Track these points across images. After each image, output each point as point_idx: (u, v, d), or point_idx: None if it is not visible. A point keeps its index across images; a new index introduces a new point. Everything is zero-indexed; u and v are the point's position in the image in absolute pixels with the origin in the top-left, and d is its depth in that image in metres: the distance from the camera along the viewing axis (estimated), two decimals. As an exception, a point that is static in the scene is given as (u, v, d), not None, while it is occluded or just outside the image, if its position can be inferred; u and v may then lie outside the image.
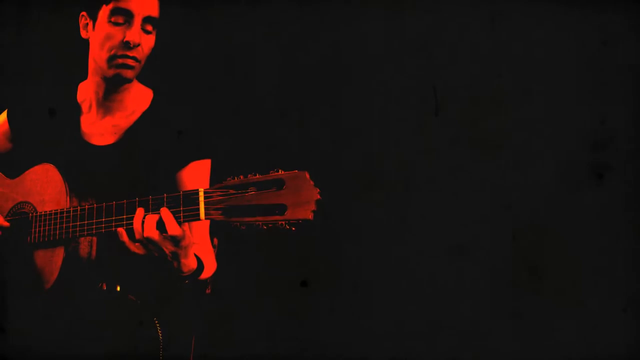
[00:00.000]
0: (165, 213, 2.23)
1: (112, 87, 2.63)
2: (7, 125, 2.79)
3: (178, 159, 2.61)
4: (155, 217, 2.24)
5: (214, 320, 3.10)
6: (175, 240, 2.25)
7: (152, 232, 2.25)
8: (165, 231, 2.24)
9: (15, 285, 2.51)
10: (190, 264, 2.36)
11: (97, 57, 2.58)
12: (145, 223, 2.23)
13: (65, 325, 2.48)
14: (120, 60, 2.53)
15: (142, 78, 2.69)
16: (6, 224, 2.57)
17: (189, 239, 2.28)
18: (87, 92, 2.71)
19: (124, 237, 2.30)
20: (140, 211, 2.26)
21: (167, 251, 2.28)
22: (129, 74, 2.56)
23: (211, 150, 2.67)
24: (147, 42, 2.57)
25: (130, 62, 2.55)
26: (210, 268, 2.53)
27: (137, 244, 2.28)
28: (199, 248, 2.56)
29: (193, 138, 2.63)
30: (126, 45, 2.52)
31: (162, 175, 2.60)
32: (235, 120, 3.33)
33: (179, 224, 2.23)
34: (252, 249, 3.24)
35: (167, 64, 3.00)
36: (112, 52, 2.53)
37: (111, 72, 2.56)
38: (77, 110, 2.72)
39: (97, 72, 2.61)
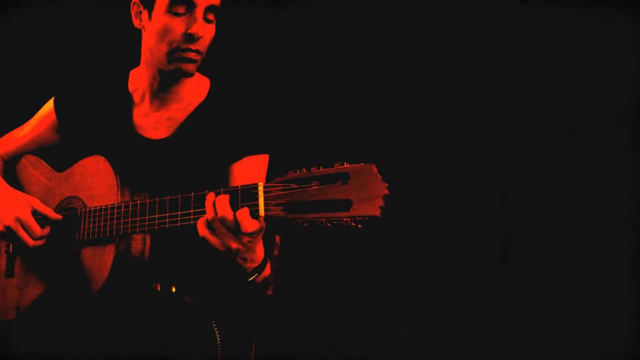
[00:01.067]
0: (243, 212, 2.08)
1: (170, 80, 2.55)
2: (54, 116, 2.72)
3: (234, 153, 2.52)
4: (227, 196, 2.10)
5: (276, 324, 3.04)
6: (252, 234, 2.11)
7: (226, 211, 2.09)
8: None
9: (61, 286, 2.45)
10: (259, 254, 2.23)
11: (154, 49, 2.48)
12: (217, 203, 2.09)
13: (115, 330, 2.37)
14: (182, 54, 2.44)
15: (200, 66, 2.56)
16: (58, 216, 2.49)
17: (263, 227, 2.14)
18: (140, 81, 2.64)
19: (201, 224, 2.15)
20: (210, 195, 2.12)
21: (239, 243, 2.13)
22: (190, 68, 2.47)
23: (269, 145, 2.57)
24: (208, 33, 2.47)
25: (192, 55, 2.45)
26: (268, 266, 2.38)
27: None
28: None
29: (250, 131, 2.54)
30: (189, 38, 2.42)
31: (218, 169, 2.51)
32: (297, 111, 3.28)
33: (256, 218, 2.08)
34: (314, 247, 3.18)
35: (225, 52, 2.90)
36: (174, 45, 2.43)
37: (172, 67, 2.47)
38: (128, 100, 2.64)
39: (154, 63, 2.52)
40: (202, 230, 2.13)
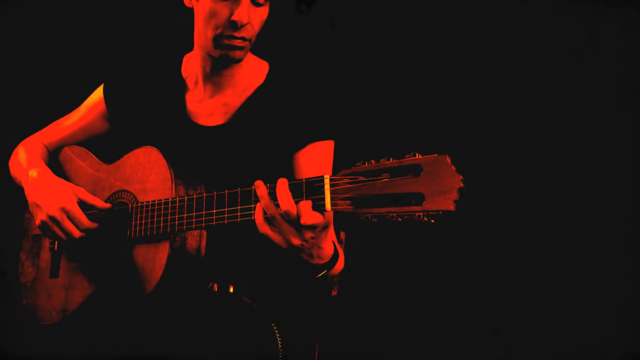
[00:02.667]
0: (305, 204, 1.99)
1: (222, 63, 2.48)
2: (103, 104, 2.65)
3: (297, 140, 2.44)
4: (288, 190, 2.01)
5: (340, 326, 2.99)
6: (314, 228, 2.01)
7: (289, 205, 1.99)
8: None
9: (111, 287, 2.38)
10: (327, 250, 2.12)
11: (201, 33, 2.40)
12: (279, 197, 1.99)
13: (169, 332, 2.30)
14: (226, 42, 2.35)
15: (256, 49, 2.51)
16: (107, 205, 2.42)
17: (330, 220, 2.05)
18: (192, 66, 2.57)
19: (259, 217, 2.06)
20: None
21: (302, 239, 2.04)
22: (237, 54, 2.38)
23: (334, 131, 2.48)
24: (258, 17, 2.36)
25: (238, 42, 2.36)
26: (340, 261, 2.27)
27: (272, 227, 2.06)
28: None
29: (313, 116, 2.44)
30: (233, 25, 2.32)
31: (279, 159, 2.43)
32: (363, 96, 3.19)
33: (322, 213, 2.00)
34: (383, 244, 3.10)
35: (284, 34, 2.88)
36: (218, 31, 2.35)
37: (217, 53, 2.39)
38: (182, 86, 2.57)
39: (203, 47, 2.45)
40: (262, 227, 2.05)
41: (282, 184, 1.99)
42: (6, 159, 2.69)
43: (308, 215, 1.97)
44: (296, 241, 2.03)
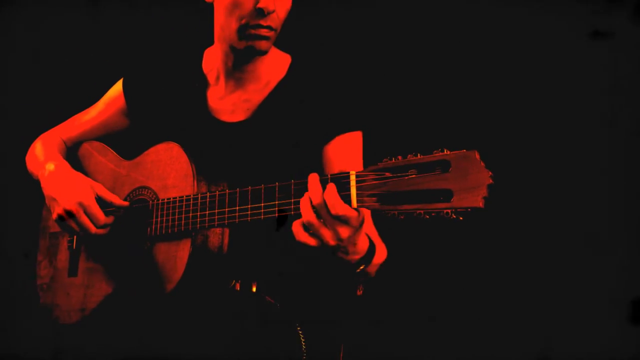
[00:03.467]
0: (331, 190, 1.95)
1: (245, 58, 2.44)
2: (122, 99, 2.63)
3: (324, 133, 2.41)
4: (320, 189, 1.97)
5: (364, 327, 2.97)
6: (345, 220, 1.97)
7: (340, 207, 1.94)
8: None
9: (131, 285, 2.36)
10: (361, 245, 2.08)
11: (224, 25, 2.37)
12: (326, 194, 1.95)
13: (190, 332, 2.30)
14: (252, 31, 2.32)
15: (278, 41, 2.47)
16: (125, 203, 2.41)
17: (363, 216, 2.01)
18: (214, 61, 2.54)
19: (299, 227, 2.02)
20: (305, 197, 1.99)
21: (337, 238, 1.99)
22: (263, 45, 2.35)
23: (363, 121, 2.45)
24: (283, 6, 2.34)
25: (264, 32, 2.33)
26: (381, 252, 2.24)
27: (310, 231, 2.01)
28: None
29: (340, 107, 2.42)
30: (259, 13, 2.29)
31: (304, 153, 2.41)
32: (389, 89, 3.15)
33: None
34: (410, 242, 3.04)
35: (306, 25, 2.83)
36: (243, 21, 2.31)
37: (242, 44, 2.35)
38: (203, 81, 2.55)
39: (225, 40, 2.41)
40: (302, 235, 2.01)
41: (314, 179, 1.97)
42: (24, 155, 2.66)
43: (339, 206, 1.93)
44: (333, 242, 1.99)
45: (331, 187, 1.93)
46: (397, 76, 3.17)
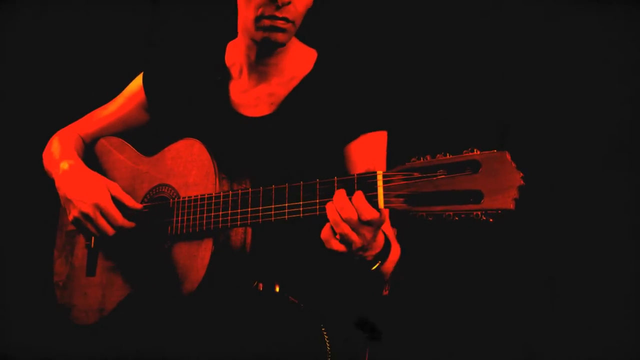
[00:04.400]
0: (360, 198, 1.94)
1: (267, 50, 2.42)
2: (142, 94, 2.61)
3: (349, 131, 2.39)
4: (343, 191, 1.97)
5: (391, 329, 2.90)
6: (373, 224, 1.97)
7: (369, 212, 1.93)
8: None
9: (152, 285, 2.33)
10: (378, 241, 2.07)
11: (243, 15, 2.37)
12: (355, 201, 1.94)
13: (211, 333, 2.27)
14: (267, 22, 2.31)
15: (303, 35, 2.46)
16: (138, 205, 2.38)
17: (386, 217, 2.03)
18: (237, 54, 2.52)
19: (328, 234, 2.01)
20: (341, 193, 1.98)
21: (362, 239, 1.99)
22: (279, 37, 2.33)
23: (388, 121, 2.43)
24: None
25: (279, 23, 2.31)
26: (396, 250, 2.24)
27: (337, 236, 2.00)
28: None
29: (366, 105, 2.40)
30: (273, 3, 2.27)
31: (328, 151, 2.39)
32: (417, 88, 3.16)
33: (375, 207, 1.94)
34: (438, 243, 3.08)
35: (333, 19, 2.88)
36: (259, 11, 2.30)
37: (259, 35, 2.34)
38: (225, 75, 2.53)
39: (246, 31, 2.39)
40: (333, 243, 2.00)
41: (341, 195, 1.95)
42: (41, 151, 2.64)
43: (367, 211, 1.92)
44: (361, 245, 1.99)
45: (359, 195, 1.92)
46: (421, 75, 3.18)
